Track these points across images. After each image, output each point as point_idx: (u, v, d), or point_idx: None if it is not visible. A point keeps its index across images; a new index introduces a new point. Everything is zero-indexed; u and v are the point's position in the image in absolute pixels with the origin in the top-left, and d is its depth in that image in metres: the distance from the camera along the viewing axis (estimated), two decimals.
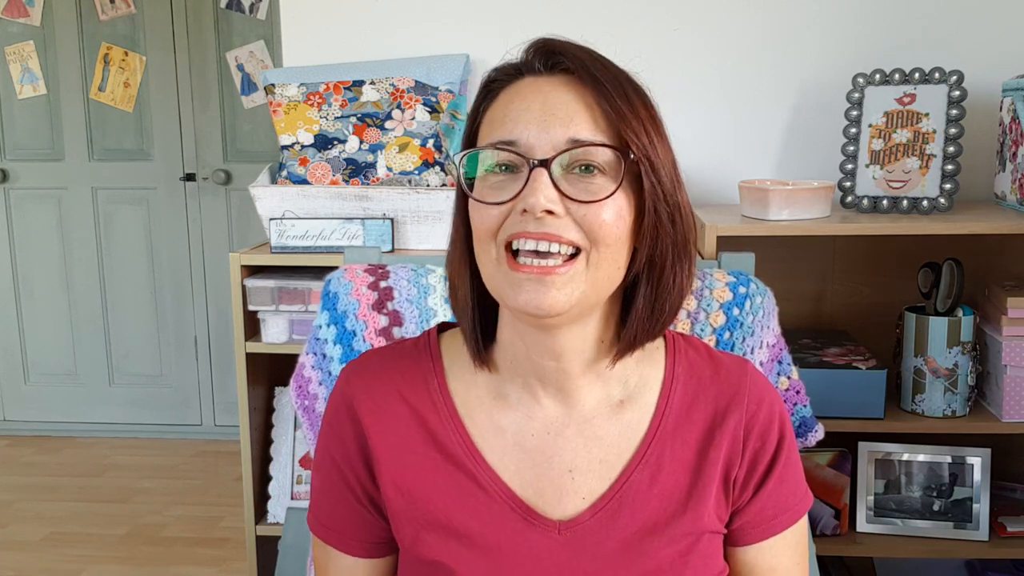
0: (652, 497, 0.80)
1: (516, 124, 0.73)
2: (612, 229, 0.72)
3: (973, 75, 1.73)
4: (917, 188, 1.69)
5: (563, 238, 0.71)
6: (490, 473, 0.80)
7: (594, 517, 0.79)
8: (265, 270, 1.79)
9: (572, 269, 0.72)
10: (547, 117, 0.72)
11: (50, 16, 3.39)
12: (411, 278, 1.17)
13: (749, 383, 0.84)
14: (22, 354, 3.63)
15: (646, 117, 0.74)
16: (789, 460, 0.84)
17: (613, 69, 0.76)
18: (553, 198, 0.71)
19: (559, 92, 0.74)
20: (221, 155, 3.42)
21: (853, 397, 1.62)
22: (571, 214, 0.72)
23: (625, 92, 0.74)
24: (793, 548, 0.86)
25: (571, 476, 0.80)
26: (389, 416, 0.82)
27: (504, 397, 0.82)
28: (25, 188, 3.53)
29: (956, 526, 1.68)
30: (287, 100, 1.85)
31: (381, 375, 0.84)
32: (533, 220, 0.71)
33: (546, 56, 0.76)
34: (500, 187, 0.74)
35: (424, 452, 0.81)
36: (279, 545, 1.25)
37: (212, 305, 3.51)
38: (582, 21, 1.89)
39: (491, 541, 0.78)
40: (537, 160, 0.71)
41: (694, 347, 0.87)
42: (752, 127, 1.90)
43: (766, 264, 1.30)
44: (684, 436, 0.81)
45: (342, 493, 0.84)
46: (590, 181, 0.72)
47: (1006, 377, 1.61)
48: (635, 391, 0.82)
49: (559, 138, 0.72)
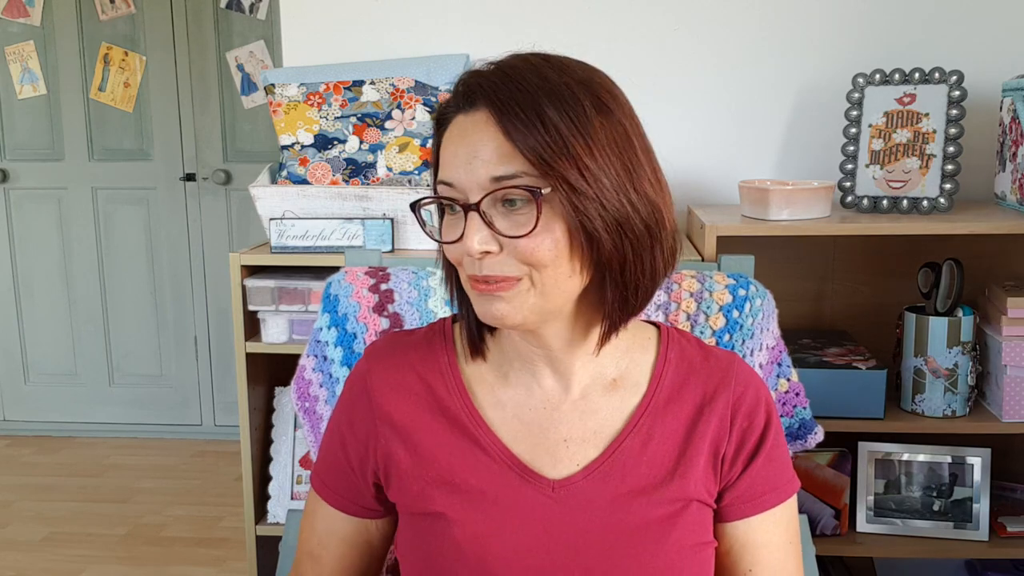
0: (642, 463, 0.85)
1: (450, 167, 0.78)
2: (546, 254, 0.76)
3: (973, 75, 1.73)
4: (917, 188, 1.69)
5: (500, 276, 0.77)
6: (491, 436, 0.87)
7: (587, 478, 0.85)
8: (265, 270, 1.79)
9: (516, 289, 0.77)
10: (470, 159, 0.76)
11: (50, 16, 3.39)
12: (412, 281, 1.17)
13: (737, 369, 0.90)
14: (22, 354, 3.63)
15: (569, 133, 0.74)
16: (777, 442, 0.89)
17: (532, 88, 0.76)
18: (485, 239, 0.76)
19: (478, 130, 0.77)
20: (221, 155, 3.42)
21: (853, 397, 1.62)
22: (507, 247, 0.76)
23: (539, 117, 0.74)
24: (784, 526, 0.90)
25: (566, 445, 0.86)
26: (403, 387, 0.90)
27: (506, 376, 0.88)
28: (25, 188, 3.53)
29: (956, 526, 1.68)
30: (287, 100, 1.85)
31: (396, 351, 0.92)
32: (476, 261, 0.77)
33: (464, 94, 0.79)
34: (452, 224, 0.80)
35: (432, 418, 0.88)
36: (279, 545, 1.25)
37: (212, 305, 3.51)
38: (582, 21, 1.89)
39: (489, 496, 0.85)
40: (470, 203, 0.76)
41: (686, 338, 0.93)
42: (752, 127, 1.91)
43: (766, 264, 1.30)
44: (675, 412, 0.87)
45: (339, 458, 0.92)
46: (518, 213, 0.76)
47: (1006, 377, 1.61)
48: (627, 371, 0.88)
49: (483, 178, 0.76)
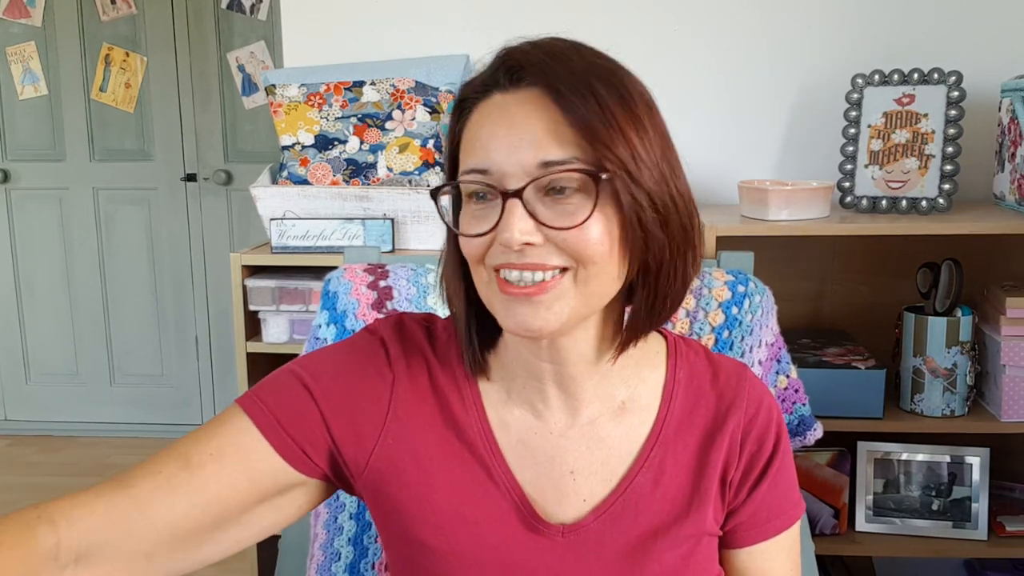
0: (655, 501, 0.79)
1: (487, 151, 0.70)
2: (597, 248, 0.69)
3: (972, 76, 1.73)
4: (916, 188, 1.69)
5: (546, 265, 0.69)
6: (504, 467, 0.79)
7: (597, 520, 0.79)
8: (266, 270, 1.79)
9: (561, 285, 0.70)
10: (515, 141, 0.69)
11: (51, 17, 3.39)
12: (410, 277, 1.18)
13: (748, 388, 0.84)
14: (23, 354, 3.63)
15: (623, 117, 0.69)
16: (784, 465, 0.84)
17: (580, 69, 0.70)
18: (528, 229, 0.68)
19: (525, 110, 0.69)
20: (222, 155, 3.42)
21: (852, 397, 1.62)
22: (552, 239, 0.69)
23: (595, 96, 0.68)
24: (786, 554, 0.86)
25: (572, 478, 0.79)
26: (420, 394, 0.80)
27: (508, 394, 0.81)
28: (26, 188, 3.53)
29: (955, 525, 1.68)
30: (288, 100, 1.86)
31: (411, 349, 0.82)
32: (514, 252, 0.69)
33: (508, 70, 0.71)
34: (480, 216, 0.71)
35: (444, 435, 0.80)
36: (279, 545, 1.25)
37: (213, 305, 3.51)
38: (582, 21, 1.89)
39: (492, 541, 0.78)
40: (510, 190, 0.68)
41: (694, 350, 0.86)
42: (752, 127, 1.91)
43: (765, 264, 1.30)
44: (685, 439, 0.81)
45: (303, 399, 0.78)
46: (567, 203, 0.69)
47: (1005, 377, 1.61)
48: (636, 393, 0.82)
49: (529, 163, 0.68)
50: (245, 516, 0.76)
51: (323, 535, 1.11)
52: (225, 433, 0.76)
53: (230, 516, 0.75)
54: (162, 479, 0.73)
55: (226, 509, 0.75)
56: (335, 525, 1.11)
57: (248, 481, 0.75)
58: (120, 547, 0.71)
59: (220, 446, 0.75)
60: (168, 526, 0.72)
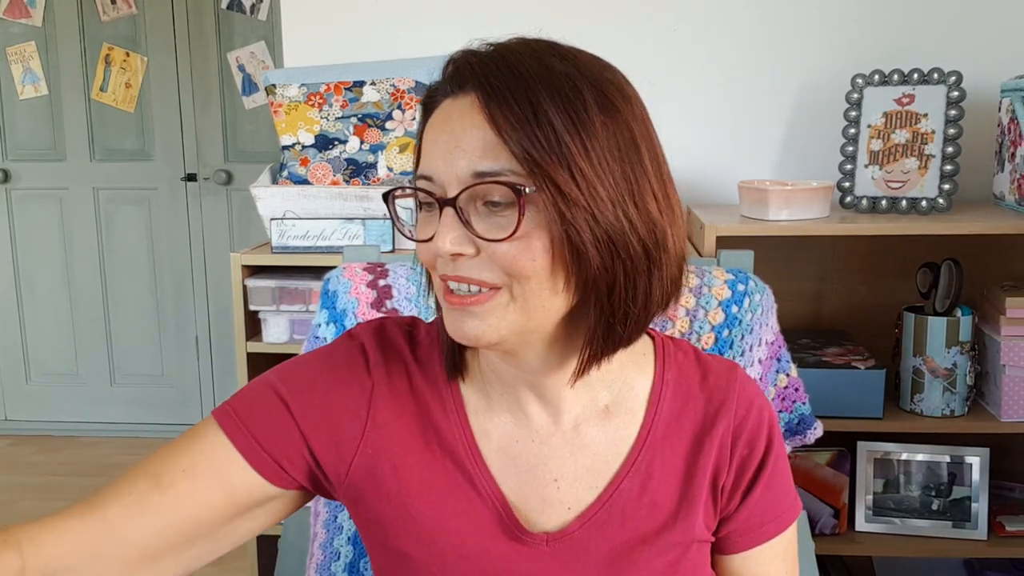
0: (642, 507, 0.77)
1: (430, 158, 0.69)
2: (528, 263, 0.66)
3: (972, 76, 1.73)
4: (916, 188, 1.69)
5: (473, 279, 0.67)
6: (487, 476, 0.77)
7: (583, 528, 0.77)
8: (266, 270, 1.79)
9: (492, 302, 0.68)
10: (451, 149, 0.67)
11: (51, 17, 3.39)
12: (410, 276, 1.17)
13: (738, 388, 0.81)
14: (23, 354, 3.63)
15: (564, 128, 0.65)
16: (777, 467, 0.82)
17: (526, 73, 0.66)
18: (459, 239, 0.67)
19: (465, 118, 0.67)
20: (222, 155, 3.42)
21: (852, 397, 1.62)
22: (485, 251, 0.67)
23: (531, 105, 0.65)
24: (782, 557, 0.84)
25: (556, 486, 0.77)
26: (401, 400, 0.79)
27: (489, 401, 0.79)
28: (27, 188, 3.53)
29: (955, 525, 1.68)
30: (288, 100, 1.86)
31: (401, 352, 0.81)
32: (448, 261, 0.68)
33: (452, 76, 0.70)
34: (427, 222, 0.70)
35: (425, 444, 0.78)
36: (279, 545, 1.25)
37: (213, 305, 3.51)
38: (581, 22, 1.89)
39: (475, 552, 0.76)
40: (446, 198, 0.67)
41: (683, 351, 0.84)
42: (752, 127, 1.91)
43: (765, 264, 1.30)
44: (674, 444, 0.79)
45: (278, 411, 0.76)
46: (501, 215, 0.66)
47: (1004, 377, 1.61)
48: (621, 396, 0.79)
49: (464, 172, 0.66)
50: (219, 530, 0.75)
51: (323, 534, 1.11)
52: (199, 449, 0.75)
53: (203, 532, 0.74)
54: (132, 500, 0.72)
55: (199, 525, 0.74)
56: (335, 524, 1.11)
57: (223, 496, 0.74)
58: (88, 570, 0.71)
59: (193, 462, 0.74)
60: (138, 547, 0.72)
